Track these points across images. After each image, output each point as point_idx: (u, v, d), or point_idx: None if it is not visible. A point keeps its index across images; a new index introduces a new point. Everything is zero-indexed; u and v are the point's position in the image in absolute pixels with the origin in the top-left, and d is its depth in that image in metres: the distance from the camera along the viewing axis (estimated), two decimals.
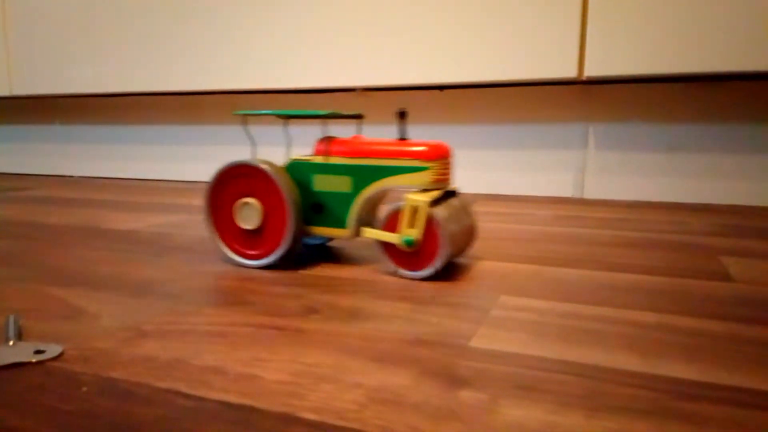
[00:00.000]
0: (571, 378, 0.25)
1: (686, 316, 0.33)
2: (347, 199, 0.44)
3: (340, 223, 0.44)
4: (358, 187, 0.43)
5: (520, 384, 0.24)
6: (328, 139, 0.45)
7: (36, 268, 0.44)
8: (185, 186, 1.07)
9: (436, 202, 0.41)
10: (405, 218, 0.41)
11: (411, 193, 0.41)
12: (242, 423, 0.21)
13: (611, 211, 0.73)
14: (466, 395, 0.23)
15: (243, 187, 0.44)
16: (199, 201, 0.83)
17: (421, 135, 0.96)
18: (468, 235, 0.44)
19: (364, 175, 0.43)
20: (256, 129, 1.06)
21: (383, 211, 0.42)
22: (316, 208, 0.45)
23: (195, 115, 1.14)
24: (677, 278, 0.41)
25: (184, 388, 0.24)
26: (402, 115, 0.44)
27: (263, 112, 0.45)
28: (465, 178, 0.94)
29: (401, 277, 0.41)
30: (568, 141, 0.88)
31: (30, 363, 0.26)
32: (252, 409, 0.22)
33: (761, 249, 0.50)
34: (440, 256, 0.40)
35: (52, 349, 0.27)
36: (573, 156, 0.88)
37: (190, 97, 1.13)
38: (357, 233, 0.44)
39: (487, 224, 0.63)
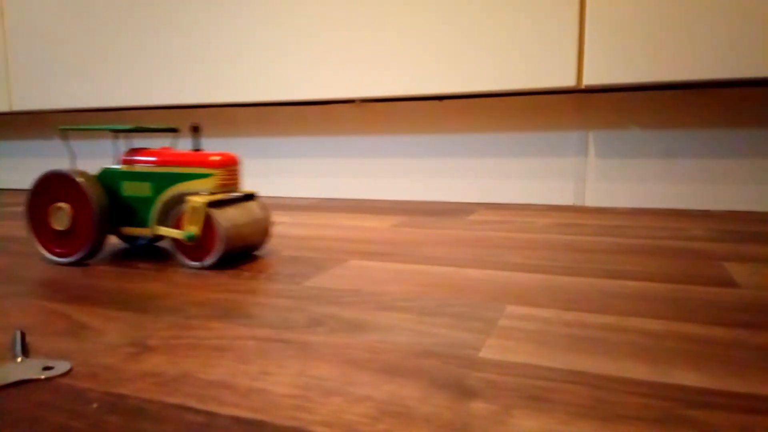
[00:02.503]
0: (581, 388, 0.25)
1: (692, 323, 0.33)
2: (149, 201, 0.51)
3: (144, 223, 0.51)
4: (157, 191, 0.50)
5: (531, 395, 0.24)
6: (133, 150, 0.52)
7: (37, 284, 0.44)
8: None
9: (219, 203, 0.48)
10: (187, 217, 0.48)
11: (192, 195, 0.48)
12: None
13: (612, 219, 0.73)
14: (478, 407, 0.23)
15: (57, 194, 0.50)
16: None
17: (411, 144, 0.97)
18: (256, 232, 0.51)
19: (161, 181, 0.50)
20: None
21: (174, 211, 0.49)
22: (125, 211, 0.52)
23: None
24: (681, 285, 0.41)
25: (193, 403, 0.24)
26: (195, 129, 0.52)
27: (86, 127, 0.51)
28: (466, 187, 0.95)
29: (188, 267, 0.49)
30: (568, 149, 0.88)
31: (39, 380, 0.26)
32: (263, 424, 0.22)
33: (764, 254, 0.50)
34: (217, 249, 0.47)
35: (61, 366, 0.27)
36: (573, 164, 0.88)
37: (188, 110, 1.14)
38: (156, 231, 0.51)
39: (487, 233, 0.63)
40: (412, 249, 0.55)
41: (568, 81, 0.78)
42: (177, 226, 0.49)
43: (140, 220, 0.51)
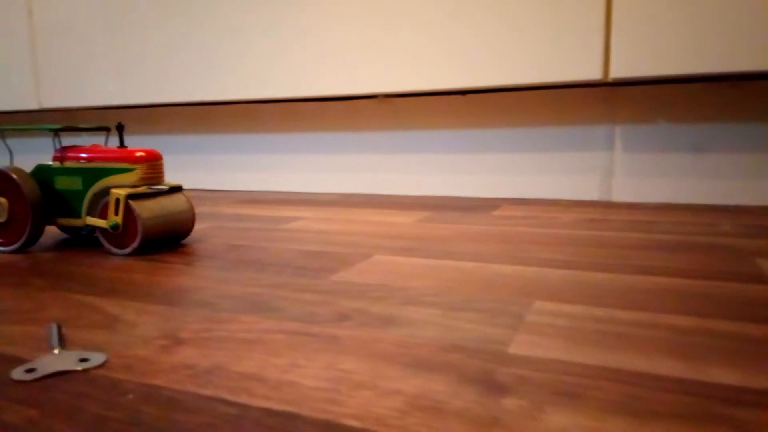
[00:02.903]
0: (613, 384, 0.24)
1: (724, 320, 0.32)
2: (80, 194, 0.55)
3: (77, 214, 0.55)
4: (87, 185, 0.55)
5: (563, 391, 0.24)
6: (63, 148, 0.56)
7: (70, 278, 0.45)
8: (211, 195, 1.08)
9: (141, 196, 0.53)
10: (111, 208, 0.52)
11: (115, 187, 0.53)
12: (286, 430, 0.21)
13: (639, 214, 0.72)
14: (509, 402, 0.23)
15: None
16: (225, 209, 0.84)
17: (428, 140, 0.96)
18: (178, 222, 0.56)
19: (90, 176, 0.55)
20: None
21: (100, 203, 0.54)
22: (59, 203, 0.56)
23: (214, 126, 1.15)
24: (712, 281, 0.40)
25: (225, 395, 0.24)
26: (120, 128, 0.57)
27: (25, 127, 0.54)
28: (490, 182, 0.94)
29: (114, 254, 0.53)
30: (595, 143, 0.87)
31: (75, 371, 0.26)
32: (294, 416, 0.22)
33: None
34: (138, 237, 0.52)
35: (96, 357, 0.28)
36: (600, 158, 0.87)
37: (214, 107, 1.15)
38: (86, 222, 0.55)
39: (513, 228, 0.63)
40: (437, 244, 0.55)
41: (594, 74, 0.77)
42: (102, 217, 0.53)
43: (73, 211, 0.56)
